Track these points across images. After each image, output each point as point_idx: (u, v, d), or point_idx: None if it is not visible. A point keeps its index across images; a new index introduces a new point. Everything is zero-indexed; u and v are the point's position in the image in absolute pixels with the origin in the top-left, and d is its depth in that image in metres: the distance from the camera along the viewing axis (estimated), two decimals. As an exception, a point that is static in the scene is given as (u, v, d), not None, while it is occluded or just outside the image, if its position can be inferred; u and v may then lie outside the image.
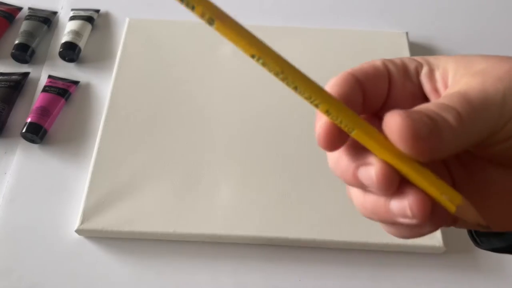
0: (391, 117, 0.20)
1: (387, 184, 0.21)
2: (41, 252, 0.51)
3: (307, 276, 0.51)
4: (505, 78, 0.21)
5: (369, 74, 0.23)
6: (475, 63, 0.23)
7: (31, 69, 0.64)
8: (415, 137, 0.20)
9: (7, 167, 0.57)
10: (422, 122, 0.20)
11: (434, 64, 0.24)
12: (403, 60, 0.24)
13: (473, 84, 0.21)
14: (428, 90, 0.24)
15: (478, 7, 0.74)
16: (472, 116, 0.20)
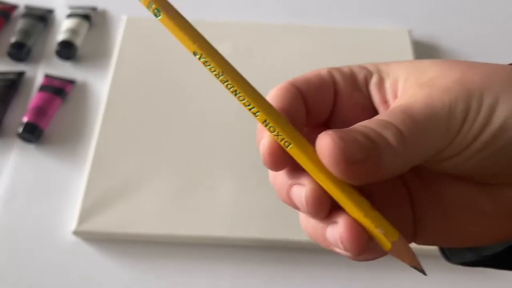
0: (322, 139, 0.19)
1: (316, 209, 0.19)
2: (37, 254, 0.51)
3: (307, 278, 0.50)
4: (453, 89, 0.20)
5: (313, 84, 0.22)
6: (426, 70, 0.21)
7: (27, 67, 0.63)
8: (347, 161, 0.18)
9: (2, 167, 0.56)
10: (356, 144, 0.18)
11: (384, 72, 0.23)
12: (352, 68, 0.23)
13: (419, 97, 0.20)
14: (377, 101, 0.23)
15: (482, 4, 0.74)
16: (415, 134, 0.19)
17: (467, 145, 0.19)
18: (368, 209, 0.19)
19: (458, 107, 0.19)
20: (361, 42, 0.65)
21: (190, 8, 0.72)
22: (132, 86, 0.60)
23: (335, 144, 0.18)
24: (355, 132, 0.19)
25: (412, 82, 0.21)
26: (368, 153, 0.18)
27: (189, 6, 0.73)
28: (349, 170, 0.18)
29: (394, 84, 0.22)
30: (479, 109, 0.19)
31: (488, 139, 0.19)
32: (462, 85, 0.20)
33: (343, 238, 0.19)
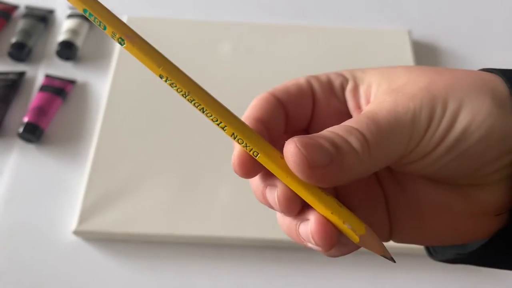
0: (287, 145, 0.20)
1: (288, 208, 0.21)
2: (38, 254, 0.50)
3: (308, 277, 0.50)
4: (418, 96, 0.20)
5: (292, 94, 0.23)
6: (397, 77, 0.22)
7: (28, 68, 0.63)
8: (310, 166, 0.19)
9: (3, 167, 0.56)
10: (319, 150, 0.19)
11: (359, 79, 0.23)
12: (329, 76, 0.24)
13: (385, 103, 0.21)
14: (352, 107, 0.24)
15: (482, 4, 0.74)
16: (379, 139, 0.20)
17: (432, 149, 0.20)
18: (335, 206, 0.21)
19: (422, 113, 0.20)
20: (361, 42, 0.65)
21: (190, 8, 0.73)
22: (132, 86, 0.60)
23: (298, 151, 0.20)
24: (320, 138, 0.20)
25: (383, 88, 0.22)
26: (331, 158, 0.20)
27: (189, 6, 0.74)
28: (312, 175, 0.20)
29: (368, 90, 0.23)
30: (442, 115, 0.20)
31: (452, 143, 0.20)
32: (428, 92, 0.20)
33: (313, 234, 0.20)
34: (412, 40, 0.66)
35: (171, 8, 0.71)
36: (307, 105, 0.24)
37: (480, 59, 0.67)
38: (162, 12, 0.69)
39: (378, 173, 0.24)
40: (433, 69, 0.22)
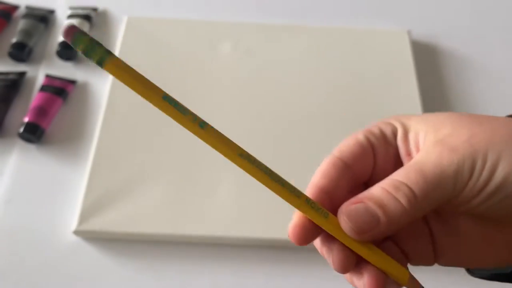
0: (338, 216, 0.24)
1: (342, 269, 0.24)
2: (38, 254, 0.50)
3: (308, 277, 0.50)
4: (461, 148, 0.23)
5: (357, 155, 0.26)
6: (441, 127, 0.24)
7: (28, 68, 0.64)
8: (359, 233, 0.23)
9: (4, 167, 0.56)
10: (365, 217, 0.23)
11: (407, 125, 0.26)
12: (380, 127, 0.26)
13: (431, 156, 0.23)
14: (403, 153, 0.26)
15: (481, 4, 0.74)
16: (426, 192, 0.23)
17: (473, 196, 0.23)
18: (385, 258, 0.24)
19: (465, 166, 0.23)
20: (360, 42, 0.65)
21: (191, 9, 0.73)
22: (132, 86, 0.60)
23: (346, 224, 0.23)
24: (368, 199, 0.24)
25: (430, 138, 0.25)
26: (378, 221, 0.23)
27: (189, 6, 0.74)
28: (363, 238, 0.23)
29: (416, 137, 0.25)
30: (483, 167, 0.23)
31: (492, 191, 0.23)
32: (469, 146, 0.23)
33: (367, 285, 0.24)
34: (412, 40, 0.66)
35: (171, 8, 0.71)
36: (369, 160, 0.26)
37: (480, 60, 0.67)
38: (162, 12, 0.69)
39: None
40: (473, 118, 0.24)
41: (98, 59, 0.21)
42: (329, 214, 0.24)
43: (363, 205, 0.23)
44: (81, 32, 0.20)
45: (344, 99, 0.60)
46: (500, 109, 0.63)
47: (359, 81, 0.62)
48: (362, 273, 0.24)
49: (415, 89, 0.61)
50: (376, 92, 0.61)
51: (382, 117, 0.62)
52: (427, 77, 0.65)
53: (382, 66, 0.63)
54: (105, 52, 0.21)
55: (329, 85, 0.61)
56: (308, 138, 0.57)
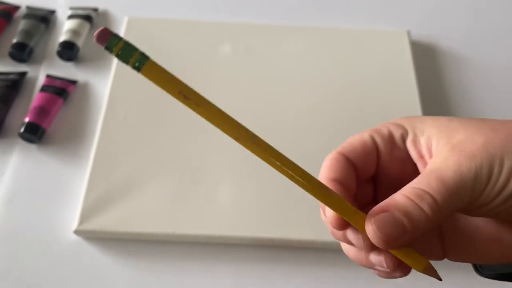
0: (366, 224, 0.24)
1: (369, 248, 0.26)
2: (39, 253, 0.51)
3: (307, 277, 0.50)
4: (478, 155, 0.24)
5: (359, 152, 0.27)
6: (455, 133, 0.25)
7: (29, 68, 0.64)
8: (387, 242, 0.24)
9: (4, 167, 0.56)
10: (393, 226, 0.24)
11: (418, 129, 0.27)
12: (389, 129, 0.27)
13: (449, 162, 0.24)
14: (415, 156, 0.27)
15: (481, 5, 0.74)
16: (448, 199, 0.24)
17: (490, 201, 0.24)
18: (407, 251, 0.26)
19: (483, 172, 0.24)
20: (360, 42, 0.65)
21: (191, 9, 0.73)
22: (133, 86, 0.60)
23: (375, 234, 0.24)
24: (394, 207, 0.24)
25: (444, 142, 0.25)
26: (404, 229, 0.24)
27: (189, 7, 0.74)
28: (389, 246, 0.25)
29: (428, 142, 0.26)
30: (500, 172, 0.24)
31: (508, 195, 0.24)
32: (486, 151, 0.24)
33: (387, 261, 0.26)
34: (411, 41, 0.66)
35: (172, 9, 0.71)
36: (372, 159, 0.27)
37: (479, 60, 0.68)
38: (163, 12, 0.70)
39: None
40: (488, 124, 0.25)
41: (134, 64, 0.20)
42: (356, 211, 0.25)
43: (390, 214, 0.24)
44: (116, 35, 0.19)
45: (344, 99, 0.60)
46: (499, 109, 0.63)
47: (359, 81, 0.62)
48: (382, 250, 0.26)
49: (415, 89, 0.61)
50: (376, 92, 0.61)
51: (382, 117, 0.62)
52: (427, 77, 0.65)
53: (382, 66, 0.63)
54: (142, 57, 0.20)
55: (329, 85, 0.61)
56: (308, 138, 0.57)
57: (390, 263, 0.26)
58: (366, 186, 0.28)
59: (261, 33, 0.65)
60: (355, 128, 0.60)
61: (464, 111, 0.62)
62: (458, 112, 0.62)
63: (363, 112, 0.59)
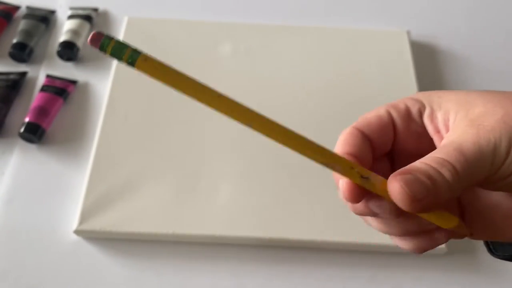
0: (392, 183, 0.24)
1: (394, 213, 0.25)
2: (39, 253, 0.51)
3: (306, 276, 0.51)
4: (497, 128, 0.24)
5: (375, 127, 0.27)
6: (474, 106, 0.25)
7: (29, 68, 0.64)
8: (413, 201, 0.23)
9: (4, 167, 0.56)
10: (419, 185, 0.23)
11: (436, 104, 0.26)
12: (406, 103, 0.27)
13: (469, 136, 0.24)
14: (431, 131, 0.27)
15: (480, 5, 0.74)
16: (467, 170, 0.23)
17: (509, 174, 0.24)
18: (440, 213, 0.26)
19: (502, 144, 0.24)
20: (361, 42, 0.66)
21: (191, 10, 0.73)
22: (133, 86, 0.60)
23: (403, 190, 0.23)
24: (417, 171, 0.24)
25: (461, 116, 0.25)
26: (428, 191, 0.23)
27: (189, 7, 0.74)
28: (414, 206, 0.24)
29: (446, 116, 0.26)
30: None
31: None
32: (505, 124, 0.24)
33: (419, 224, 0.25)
34: (411, 41, 0.66)
35: (171, 9, 0.71)
36: (389, 134, 0.27)
37: (478, 60, 0.68)
38: (162, 13, 0.70)
39: None
40: (506, 97, 0.25)
41: (128, 60, 0.21)
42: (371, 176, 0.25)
43: (414, 175, 0.24)
44: (107, 36, 0.20)
45: (344, 98, 0.60)
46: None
47: (359, 81, 0.62)
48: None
49: (414, 89, 0.61)
50: (376, 92, 0.61)
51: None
52: (426, 76, 0.65)
53: (382, 66, 0.63)
54: (134, 52, 0.21)
55: (329, 85, 0.61)
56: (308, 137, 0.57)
57: (424, 223, 0.25)
58: (382, 162, 0.28)
59: (261, 33, 0.65)
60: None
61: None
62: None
63: (363, 112, 0.59)
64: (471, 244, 0.53)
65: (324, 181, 0.54)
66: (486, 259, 0.52)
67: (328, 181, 0.55)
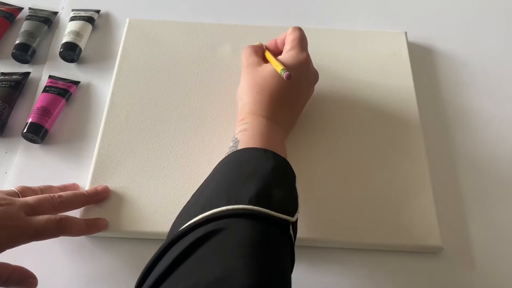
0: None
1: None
2: (42, 252, 0.51)
3: (306, 275, 0.51)
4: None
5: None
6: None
7: (32, 69, 0.64)
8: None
9: (8, 167, 0.57)
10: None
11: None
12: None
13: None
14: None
15: (477, 7, 0.75)
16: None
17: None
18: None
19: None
20: (360, 43, 0.66)
21: (191, 12, 0.73)
22: (134, 87, 0.61)
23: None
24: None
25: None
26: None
27: (189, 9, 0.75)
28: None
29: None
30: None
31: None
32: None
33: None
34: (409, 42, 0.67)
35: (172, 11, 0.71)
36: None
37: (473, 61, 0.68)
38: (163, 15, 0.70)
39: None
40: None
41: None
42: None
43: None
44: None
45: (342, 98, 0.61)
46: (494, 110, 0.64)
47: (357, 81, 0.62)
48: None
49: (411, 89, 0.62)
50: (373, 92, 0.62)
51: (380, 115, 0.63)
52: (423, 77, 0.66)
53: (380, 66, 0.64)
54: None
55: (328, 85, 0.62)
56: (308, 137, 0.58)
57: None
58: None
59: (260, 35, 0.66)
60: (354, 127, 0.60)
61: (459, 111, 0.63)
62: (453, 111, 0.63)
63: (362, 111, 0.60)
64: (467, 242, 0.54)
65: (323, 180, 0.55)
66: (482, 257, 0.53)
67: (327, 181, 0.56)
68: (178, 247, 0.38)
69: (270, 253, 0.38)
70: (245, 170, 0.43)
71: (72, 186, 0.54)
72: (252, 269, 0.35)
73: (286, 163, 0.46)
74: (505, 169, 0.59)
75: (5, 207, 0.44)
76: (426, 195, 0.54)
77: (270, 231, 0.39)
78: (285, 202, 0.41)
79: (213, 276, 0.34)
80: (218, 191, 0.42)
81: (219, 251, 0.36)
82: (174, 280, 0.35)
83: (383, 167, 0.56)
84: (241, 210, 0.39)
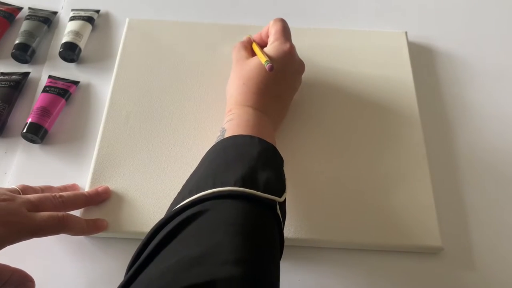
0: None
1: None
2: (42, 253, 0.51)
3: (306, 275, 0.51)
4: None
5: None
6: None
7: (32, 69, 0.64)
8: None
9: (7, 167, 0.57)
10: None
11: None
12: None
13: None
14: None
15: (477, 7, 0.75)
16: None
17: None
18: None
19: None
20: (360, 42, 0.66)
21: (190, 12, 0.73)
22: (134, 87, 0.61)
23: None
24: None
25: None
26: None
27: (189, 9, 0.75)
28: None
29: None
30: None
31: None
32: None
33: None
34: (409, 42, 0.67)
35: (172, 11, 0.71)
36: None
37: (473, 60, 0.68)
38: (163, 14, 0.70)
39: None
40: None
41: None
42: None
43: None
44: None
45: (342, 98, 0.61)
46: (494, 110, 0.64)
47: (357, 81, 0.62)
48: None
49: (412, 88, 0.62)
50: (374, 91, 0.62)
51: (380, 115, 0.63)
52: (423, 76, 0.66)
53: (380, 66, 0.64)
54: None
55: (327, 85, 0.62)
56: (308, 138, 0.58)
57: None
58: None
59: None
60: (354, 126, 0.60)
61: (460, 111, 0.63)
62: (453, 111, 0.63)
63: (363, 111, 0.60)
64: (467, 242, 0.54)
65: (322, 180, 0.55)
66: (482, 257, 0.53)
67: (327, 180, 0.56)
68: (164, 231, 0.38)
69: (256, 231, 0.38)
70: (231, 156, 0.44)
71: (72, 187, 0.54)
72: (237, 245, 0.35)
73: (273, 147, 0.47)
74: (505, 168, 0.59)
75: (7, 203, 0.43)
76: (426, 195, 0.54)
77: (256, 210, 0.39)
78: (271, 183, 0.42)
79: (198, 252, 0.34)
80: (205, 176, 0.42)
81: (204, 230, 0.37)
82: (159, 260, 0.35)
83: (383, 167, 0.56)
84: (226, 192, 0.39)
